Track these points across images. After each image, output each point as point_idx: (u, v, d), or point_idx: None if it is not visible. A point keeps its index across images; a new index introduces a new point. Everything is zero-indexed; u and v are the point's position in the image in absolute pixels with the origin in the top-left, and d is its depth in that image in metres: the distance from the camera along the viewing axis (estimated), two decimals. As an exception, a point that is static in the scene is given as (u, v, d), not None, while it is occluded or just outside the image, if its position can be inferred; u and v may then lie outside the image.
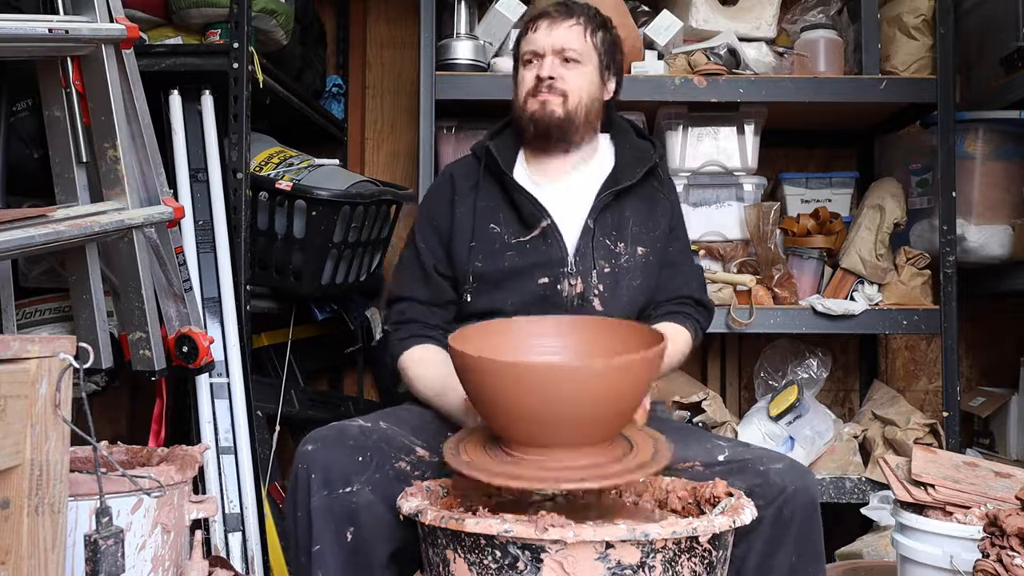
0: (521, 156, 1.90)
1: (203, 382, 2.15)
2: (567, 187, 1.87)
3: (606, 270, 1.80)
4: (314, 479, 1.47)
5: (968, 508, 1.64)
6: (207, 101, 2.26)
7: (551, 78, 1.81)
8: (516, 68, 1.90)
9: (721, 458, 1.61)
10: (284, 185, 2.38)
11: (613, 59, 1.89)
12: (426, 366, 1.77)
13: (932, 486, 1.68)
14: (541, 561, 1.23)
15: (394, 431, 1.61)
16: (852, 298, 2.61)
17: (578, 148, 1.88)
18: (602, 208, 1.82)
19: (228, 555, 2.07)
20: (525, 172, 1.88)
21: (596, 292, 1.79)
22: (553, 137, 1.84)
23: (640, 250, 1.84)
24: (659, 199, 1.91)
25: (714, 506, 1.45)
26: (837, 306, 2.52)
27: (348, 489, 1.47)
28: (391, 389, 3.11)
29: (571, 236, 1.81)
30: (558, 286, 1.78)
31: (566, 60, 1.82)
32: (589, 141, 1.90)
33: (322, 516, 1.46)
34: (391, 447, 1.57)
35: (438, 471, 1.60)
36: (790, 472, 1.55)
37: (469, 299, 1.80)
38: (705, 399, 2.64)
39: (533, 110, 1.82)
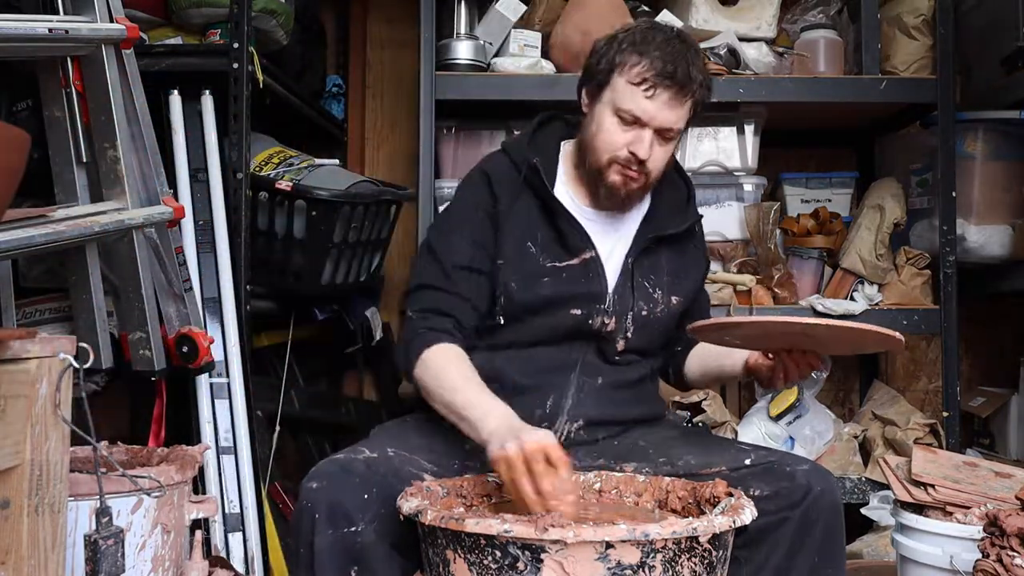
0: (561, 170, 1.80)
1: (203, 382, 2.15)
2: (610, 218, 1.78)
3: (643, 313, 1.74)
4: (318, 518, 1.42)
5: (968, 508, 1.64)
6: (207, 101, 2.26)
7: (645, 161, 1.68)
8: (599, 96, 1.70)
9: (747, 462, 1.61)
10: (284, 185, 2.38)
11: (702, 106, 1.74)
12: (454, 369, 1.62)
13: (932, 486, 1.68)
14: (541, 561, 1.23)
15: (401, 458, 1.56)
16: (852, 298, 2.61)
17: None
18: (641, 250, 1.76)
19: (228, 555, 2.07)
20: (566, 191, 1.78)
21: (626, 334, 1.73)
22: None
23: (674, 300, 1.78)
24: (691, 250, 1.86)
25: (714, 506, 1.45)
26: (837, 306, 2.52)
27: (353, 529, 1.43)
28: (391, 389, 3.11)
29: (612, 272, 1.74)
30: (590, 320, 1.71)
31: (664, 139, 1.69)
32: None
33: (327, 555, 1.42)
34: (398, 479, 1.51)
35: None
36: (815, 474, 1.55)
37: (502, 322, 1.71)
38: (705, 399, 2.64)
39: (613, 181, 1.70)
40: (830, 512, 1.53)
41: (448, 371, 1.60)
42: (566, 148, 1.82)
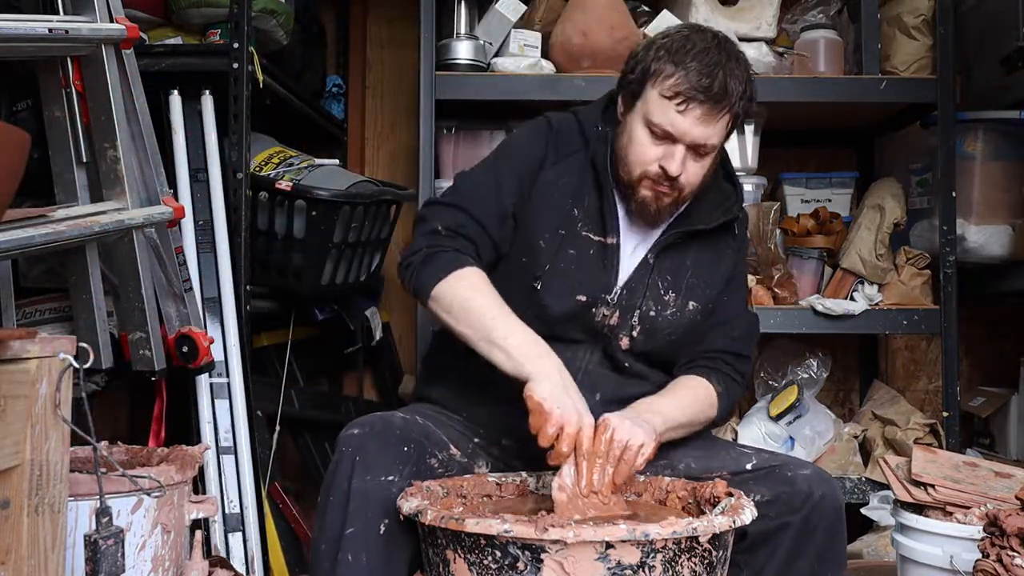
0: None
1: (203, 382, 2.15)
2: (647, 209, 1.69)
3: (651, 313, 1.66)
4: (358, 462, 1.42)
5: (968, 508, 1.64)
6: (207, 101, 2.26)
7: (677, 177, 1.60)
8: (633, 106, 1.63)
9: (749, 467, 1.60)
10: (284, 185, 2.38)
11: (741, 119, 1.66)
12: (490, 294, 1.55)
13: (932, 486, 1.68)
14: (541, 561, 1.23)
15: (430, 427, 1.59)
16: (852, 298, 2.60)
17: None
18: (665, 246, 1.67)
19: (228, 555, 2.07)
20: (616, 183, 1.70)
21: (630, 333, 1.66)
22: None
23: (692, 305, 1.68)
24: (725, 252, 1.74)
25: (714, 506, 1.45)
26: (837, 306, 2.52)
27: (391, 478, 1.43)
28: (391, 389, 3.11)
29: (628, 264, 1.67)
30: (593, 309, 1.64)
31: (699, 155, 1.61)
32: None
33: (360, 500, 1.41)
34: (429, 442, 1.55)
35: (463, 471, 1.60)
36: (817, 479, 1.54)
37: (539, 286, 1.63)
38: (705, 399, 2.64)
39: (644, 196, 1.63)
40: (831, 517, 1.52)
41: (482, 294, 1.54)
42: None
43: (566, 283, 1.63)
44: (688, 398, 1.65)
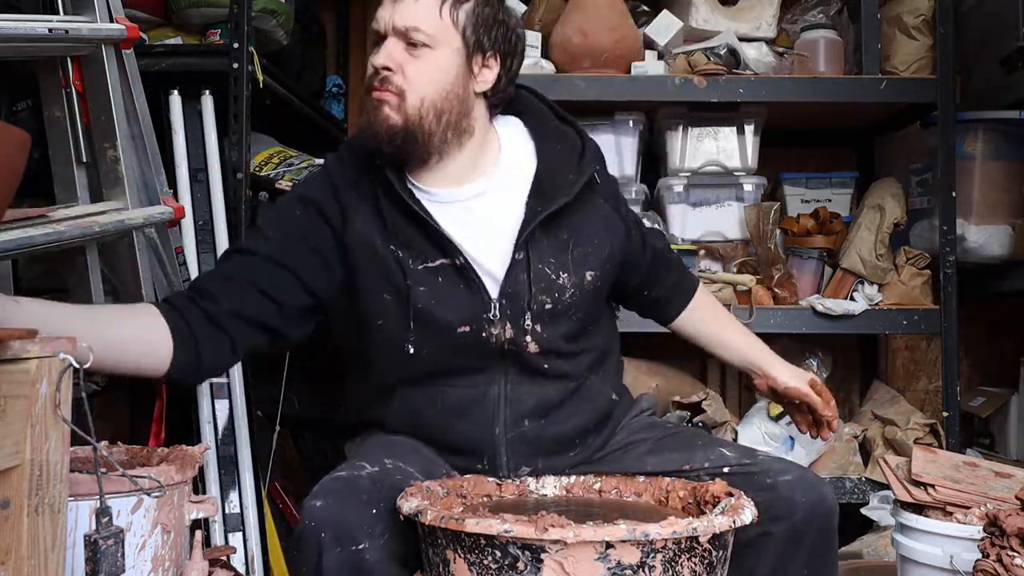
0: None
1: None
2: (478, 198, 1.55)
3: (547, 306, 1.52)
4: (325, 538, 1.34)
5: (968, 508, 1.63)
6: (207, 101, 2.26)
7: (387, 69, 1.49)
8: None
9: (726, 470, 1.53)
10: (284, 185, 2.38)
11: (490, 38, 1.51)
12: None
13: (932, 486, 1.68)
14: (541, 561, 1.23)
15: (399, 469, 1.49)
16: (852, 298, 2.61)
17: (451, 155, 1.55)
18: (531, 233, 1.52)
19: (228, 555, 2.07)
20: (413, 181, 1.56)
21: (531, 334, 1.52)
22: (396, 152, 1.51)
23: (589, 275, 1.55)
24: (596, 206, 1.60)
25: (714, 506, 1.45)
26: (837, 306, 2.52)
27: (361, 547, 1.36)
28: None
29: (494, 272, 1.52)
30: (483, 334, 1.51)
31: (412, 45, 1.49)
32: (467, 142, 1.56)
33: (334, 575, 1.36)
34: (405, 485, 1.45)
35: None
36: (801, 484, 1.46)
37: (412, 347, 1.52)
38: (705, 399, 2.64)
39: (370, 110, 1.51)
40: (821, 524, 1.46)
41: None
42: None
43: (437, 328, 1.51)
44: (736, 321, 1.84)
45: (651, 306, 1.82)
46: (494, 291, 1.53)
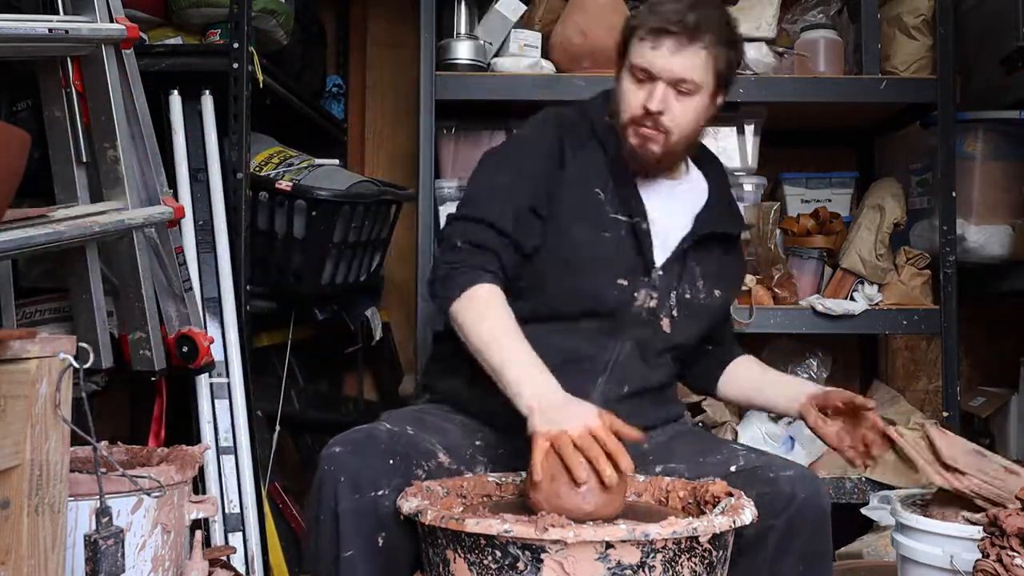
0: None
1: (203, 382, 2.15)
2: (669, 194, 1.76)
3: (686, 296, 1.71)
4: (343, 482, 1.40)
5: (996, 504, 1.58)
6: (207, 101, 2.26)
7: (660, 113, 1.63)
8: (622, 64, 1.70)
9: (734, 468, 1.59)
10: (284, 185, 2.38)
11: (730, 77, 1.69)
12: (497, 316, 1.55)
13: (964, 473, 1.65)
14: (541, 561, 1.23)
15: (420, 436, 1.56)
16: (852, 298, 2.61)
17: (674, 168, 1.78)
18: (698, 237, 1.73)
19: (228, 555, 2.07)
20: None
21: (671, 314, 1.70)
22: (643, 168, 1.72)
23: (717, 293, 1.76)
24: (735, 257, 1.85)
25: (714, 506, 1.45)
26: (837, 306, 2.52)
27: (379, 493, 1.41)
28: (391, 389, 3.11)
29: (662, 247, 1.70)
30: (634, 293, 1.67)
31: (681, 93, 1.64)
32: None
33: (352, 521, 1.39)
34: (417, 452, 1.52)
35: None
36: (800, 480, 1.52)
37: (577, 274, 1.65)
38: (705, 399, 2.64)
39: (632, 144, 1.67)
40: (816, 520, 1.50)
41: (490, 316, 1.55)
42: None
43: (605, 269, 1.66)
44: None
45: (695, 365, 1.91)
46: (660, 261, 1.69)
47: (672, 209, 1.74)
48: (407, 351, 3.15)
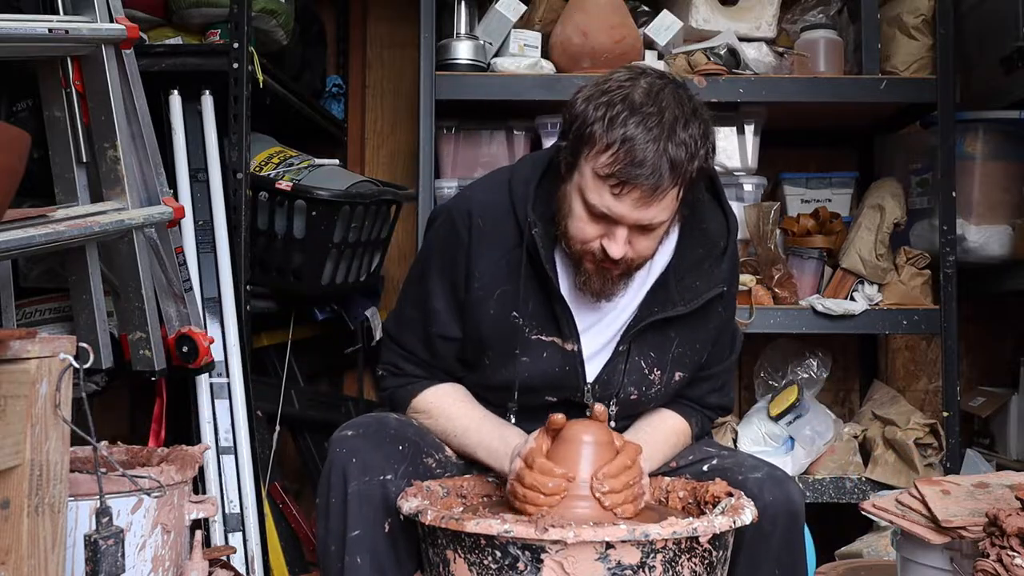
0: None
1: (203, 382, 2.15)
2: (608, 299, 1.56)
3: (632, 396, 1.58)
4: (353, 464, 1.43)
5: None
6: (207, 101, 2.26)
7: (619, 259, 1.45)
8: (571, 171, 1.45)
9: (706, 468, 1.59)
10: (284, 185, 2.38)
11: (697, 177, 1.45)
12: (452, 408, 1.61)
13: (964, 528, 1.61)
14: (541, 561, 1.24)
15: (425, 428, 1.61)
16: (852, 298, 2.60)
17: None
18: (642, 330, 1.55)
19: (228, 555, 2.07)
20: (562, 265, 1.56)
21: (613, 416, 1.58)
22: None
23: (678, 375, 1.60)
24: (714, 314, 1.60)
25: (714, 506, 1.45)
26: (837, 306, 2.52)
27: (387, 477, 1.44)
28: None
29: (596, 360, 1.58)
30: (569, 407, 1.56)
31: (644, 232, 1.44)
32: None
33: (360, 503, 1.43)
34: (424, 442, 1.56)
35: (461, 472, 1.60)
36: (768, 482, 1.50)
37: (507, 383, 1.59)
38: (705, 399, 2.64)
39: (588, 270, 1.49)
40: (786, 522, 1.48)
41: (451, 412, 1.60)
42: None
43: (528, 392, 1.58)
44: (671, 441, 1.63)
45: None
46: (593, 375, 1.58)
47: (614, 304, 1.56)
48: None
